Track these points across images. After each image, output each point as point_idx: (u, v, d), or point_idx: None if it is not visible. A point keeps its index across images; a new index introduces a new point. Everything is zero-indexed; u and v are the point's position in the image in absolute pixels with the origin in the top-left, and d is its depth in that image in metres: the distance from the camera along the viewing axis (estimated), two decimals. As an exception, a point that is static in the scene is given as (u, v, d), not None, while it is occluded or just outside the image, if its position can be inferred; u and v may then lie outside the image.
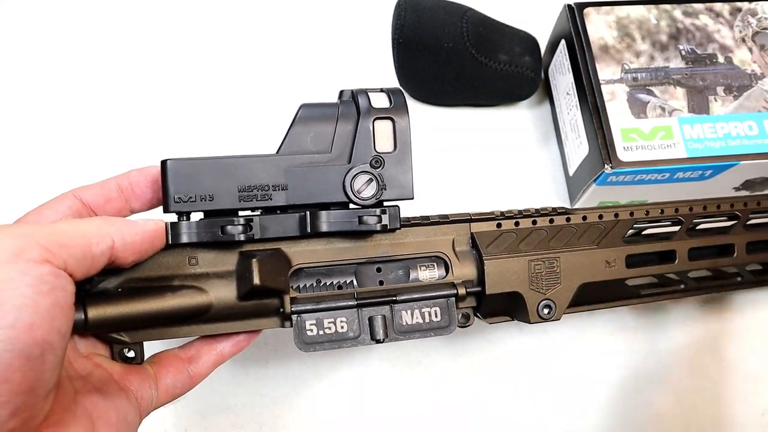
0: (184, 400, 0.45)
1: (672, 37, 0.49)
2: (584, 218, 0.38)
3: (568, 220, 0.38)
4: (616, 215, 0.39)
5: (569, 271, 0.37)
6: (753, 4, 0.50)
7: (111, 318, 0.30)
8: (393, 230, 0.34)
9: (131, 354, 0.33)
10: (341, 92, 0.36)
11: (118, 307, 0.31)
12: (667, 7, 0.50)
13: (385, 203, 0.34)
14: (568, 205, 0.52)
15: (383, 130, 0.34)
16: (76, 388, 0.29)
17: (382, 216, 0.33)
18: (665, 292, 0.42)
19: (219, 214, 0.32)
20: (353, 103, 0.34)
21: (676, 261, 0.40)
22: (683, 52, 0.48)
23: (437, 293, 0.35)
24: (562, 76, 0.51)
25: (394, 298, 0.34)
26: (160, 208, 0.32)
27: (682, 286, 0.42)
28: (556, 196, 0.52)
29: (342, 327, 0.33)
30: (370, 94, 0.34)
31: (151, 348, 0.34)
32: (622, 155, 0.44)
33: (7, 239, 0.25)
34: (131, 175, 0.33)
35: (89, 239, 0.27)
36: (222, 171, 0.32)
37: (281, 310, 0.33)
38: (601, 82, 0.46)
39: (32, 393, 0.24)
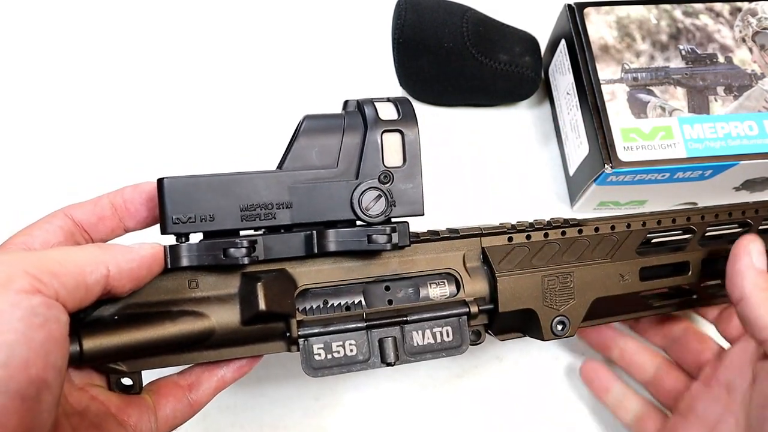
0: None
1: (672, 37, 0.49)
2: (596, 230, 0.37)
3: (580, 232, 0.37)
4: (629, 225, 0.38)
5: (583, 286, 0.36)
6: (753, 4, 0.50)
7: (108, 348, 0.28)
8: (402, 247, 0.33)
9: (129, 383, 0.31)
10: (346, 102, 0.34)
11: (115, 337, 0.29)
12: (667, 7, 0.50)
13: (394, 220, 0.33)
14: (568, 205, 0.52)
15: (392, 143, 0.32)
16: (73, 426, 0.27)
17: (392, 234, 0.32)
18: (677, 303, 0.41)
19: (220, 235, 0.31)
20: (359, 115, 0.32)
21: (690, 273, 0.39)
22: (683, 52, 0.48)
23: (449, 312, 0.33)
24: (562, 76, 0.51)
25: (405, 319, 0.33)
26: (157, 227, 0.31)
27: (695, 297, 0.41)
28: (556, 196, 0.52)
29: (351, 350, 0.32)
30: (376, 104, 0.33)
31: (148, 375, 0.32)
32: (622, 155, 0.44)
33: None
34: (125, 192, 0.32)
35: (83, 268, 0.25)
36: (222, 189, 0.30)
37: (287, 334, 0.31)
38: (601, 82, 0.46)
39: None
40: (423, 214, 0.33)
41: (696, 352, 0.42)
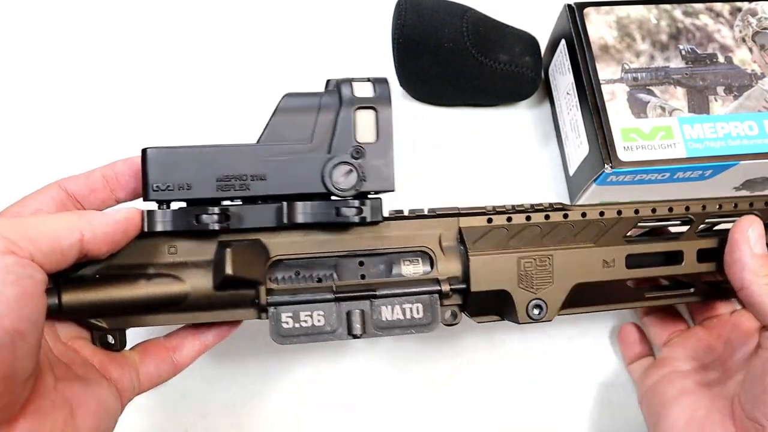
0: (184, 401, 0.45)
1: (672, 36, 0.49)
2: (583, 215, 0.36)
3: (565, 216, 0.36)
4: (619, 212, 0.36)
5: (562, 270, 0.35)
6: (753, 4, 0.50)
7: (85, 303, 0.31)
8: (376, 223, 0.33)
9: (111, 340, 0.33)
10: (327, 81, 0.35)
11: (92, 293, 0.31)
12: (667, 6, 0.50)
13: (369, 195, 0.33)
14: (568, 205, 0.52)
15: (365, 120, 0.33)
16: (56, 376, 0.29)
17: (362, 208, 0.32)
18: (673, 295, 0.40)
19: (199, 203, 0.32)
20: (337, 93, 0.33)
21: (684, 263, 0.37)
22: (683, 52, 0.48)
23: (420, 289, 0.33)
24: (562, 75, 0.51)
25: (374, 293, 0.33)
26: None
27: (692, 290, 0.40)
28: (556, 196, 0.52)
29: (319, 320, 0.33)
30: (354, 83, 0.33)
31: (137, 336, 0.36)
32: (622, 155, 0.44)
33: None
34: (116, 165, 0.34)
35: (57, 233, 0.27)
36: (200, 160, 0.32)
37: (257, 301, 0.32)
38: (601, 81, 0.46)
39: (7, 380, 0.24)
40: (393, 190, 0.33)
41: (710, 306, 0.44)
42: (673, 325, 0.45)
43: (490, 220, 0.35)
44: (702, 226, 0.39)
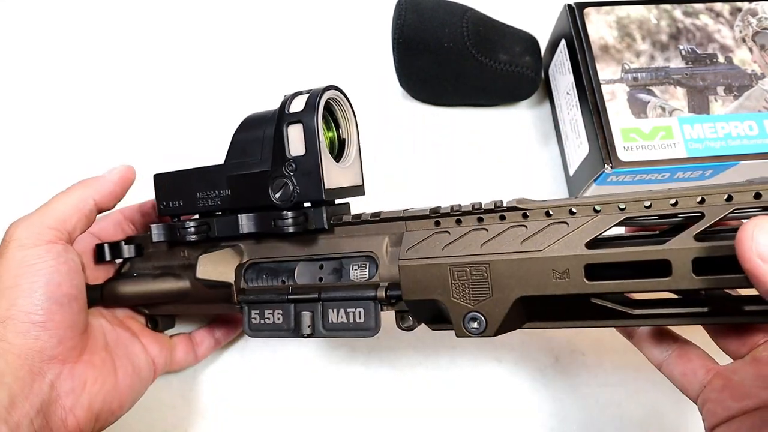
0: (184, 401, 0.45)
1: (672, 37, 0.49)
2: (548, 214, 0.30)
3: (525, 216, 0.31)
4: (596, 210, 0.29)
5: (502, 282, 0.31)
6: (753, 4, 0.50)
7: (118, 294, 0.41)
8: (324, 230, 0.35)
9: (154, 323, 0.43)
10: (284, 97, 0.36)
11: (122, 287, 0.41)
12: (668, 7, 0.50)
13: (306, 204, 0.35)
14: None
15: (295, 134, 0.35)
16: (108, 341, 0.39)
17: (298, 218, 0.35)
18: (671, 314, 0.31)
19: (199, 215, 0.39)
20: (281, 109, 0.35)
21: (672, 276, 0.28)
22: (683, 52, 0.48)
23: (359, 294, 0.34)
24: (562, 75, 0.51)
25: (318, 296, 0.35)
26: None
27: (705, 309, 0.30)
28: (556, 196, 0.52)
29: (278, 319, 0.36)
30: (295, 98, 0.35)
31: (174, 331, 0.45)
32: (623, 155, 0.44)
33: (29, 228, 0.35)
34: (145, 203, 0.44)
35: (77, 205, 0.37)
36: (187, 181, 0.38)
37: (230, 299, 0.37)
38: (601, 81, 0.46)
39: (70, 329, 0.35)
40: (323, 198, 0.34)
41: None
42: (751, 335, 0.33)
43: (437, 223, 0.33)
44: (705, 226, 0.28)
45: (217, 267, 0.38)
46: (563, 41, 0.50)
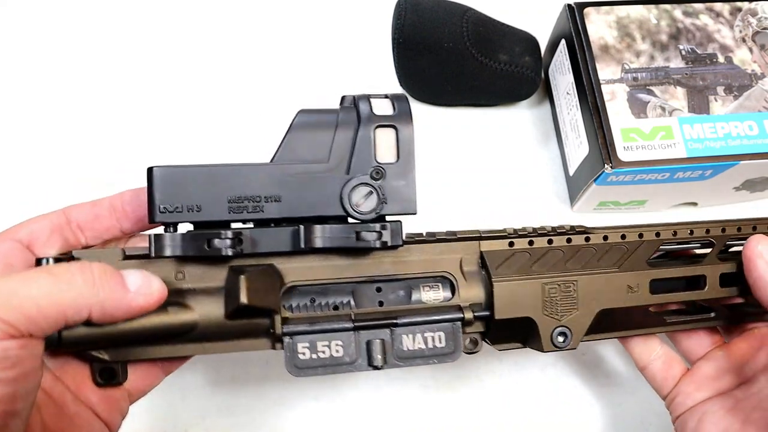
0: (184, 401, 0.45)
1: (672, 36, 0.49)
2: (605, 238, 0.35)
3: (587, 239, 0.35)
4: (641, 236, 0.36)
5: (587, 296, 0.34)
6: (753, 4, 0.50)
7: (85, 334, 0.28)
8: (395, 247, 0.32)
9: (110, 374, 0.31)
10: (343, 98, 0.34)
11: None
12: (667, 6, 0.50)
13: (387, 218, 0.32)
14: (568, 205, 0.52)
15: (385, 139, 0.31)
16: (44, 420, 0.27)
17: (383, 232, 0.31)
18: (694, 320, 0.38)
19: (208, 226, 0.30)
20: (354, 110, 0.32)
21: (705, 288, 0.37)
22: (683, 52, 0.48)
23: (442, 317, 0.32)
24: (562, 75, 0.51)
25: (395, 321, 0.31)
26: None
27: (712, 315, 0.38)
28: (556, 196, 0.52)
29: (337, 351, 0.31)
30: (372, 100, 0.32)
31: None
32: (622, 155, 0.44)
33: None
34: (125, 195, 0.33)
35: (63, 311, 0.24)
36: (211, 180, 0.30)
37: (272, 331, 0.30)
38: (601, 81, 0.46)
39: None
40: (415, 213, 0.32)
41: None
42: (709, 339, 0.41)
43: (511, 244, 0.34)
44: (722, 248, 0.38)
45: (262, 291, 0.30)
46: (563, 41, 0.50)
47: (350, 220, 0.31)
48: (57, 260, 0.29)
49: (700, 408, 0.38)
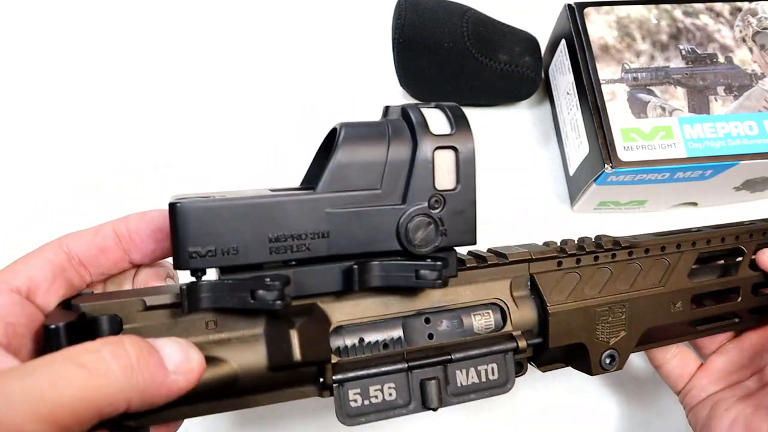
0: None
1: (672, 36, 0.49)
2: (647, 251, 0.35)
3: (630, 254, 0.34)
4: (679, 246, 0.36)
5: (635, 317, 0.34)
6: (753, 4, 0.50)
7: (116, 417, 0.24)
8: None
9: None
10: (387, 108, 0.30)
11: None
12: (668, 6, 0.50)
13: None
14: (568, 205, 0.52)
15: (444, 163, 0.27)
16: None
17: (443, 270, 0.27)
18: (722, 326, 0.39)
19: (243, 269, 0.26)
20: (405, 125, 0.28)
21: (740, 299, 0.38)
22: (683, 52, 0.48)
23: (496, 348, 0.30)
24: (562, 75, 0.51)
25: (450, 357, 0.29)
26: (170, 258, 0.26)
27: (737, 320, 0.39)
28: (556, 196, 0.52)
29: (390, 394, 0.28)
30: (425, 112, 0.28)
31: None
32: (623, 155, 0.44)
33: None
34: (130, 220, 0.28)
35: (100, 410, 0.20)
36: (249, 217, 0.25)
37: (321, 379, 0.28)
38: (601, 81, 0.46)
39: None
40: (475, 243, 0.29)
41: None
42: (722, 334, 0.42)
43: (560, 263, 0.33)
44: (751, 257, 0.39)
45: (314, 341, 0.27)
46: (563, 41, 0.50)
47: (407, 255, 0.28)
48: (68, 326, 0.24)
49: (713, 398, 0.39)
